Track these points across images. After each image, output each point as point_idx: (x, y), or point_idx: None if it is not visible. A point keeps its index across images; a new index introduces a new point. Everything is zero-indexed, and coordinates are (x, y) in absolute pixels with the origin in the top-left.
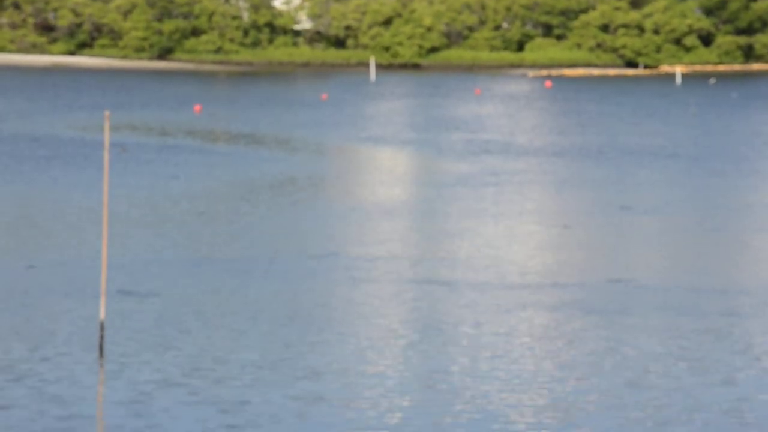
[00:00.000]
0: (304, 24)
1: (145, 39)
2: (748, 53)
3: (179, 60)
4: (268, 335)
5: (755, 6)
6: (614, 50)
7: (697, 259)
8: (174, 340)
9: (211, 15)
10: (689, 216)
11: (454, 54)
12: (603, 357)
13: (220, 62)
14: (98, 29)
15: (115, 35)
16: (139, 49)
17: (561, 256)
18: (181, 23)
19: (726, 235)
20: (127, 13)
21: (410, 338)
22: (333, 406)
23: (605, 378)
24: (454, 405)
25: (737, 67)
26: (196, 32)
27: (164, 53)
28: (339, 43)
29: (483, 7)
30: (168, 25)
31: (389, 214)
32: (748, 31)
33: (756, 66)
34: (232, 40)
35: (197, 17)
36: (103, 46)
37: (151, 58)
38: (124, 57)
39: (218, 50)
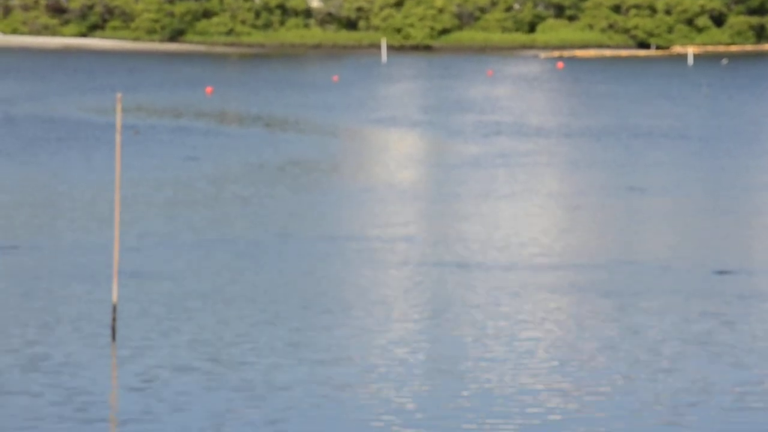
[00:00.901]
0: (316, 5)
1: (156, 21)
2: (761, 33)
3: (191, 42)
4: (282, 318)
5: None
6: (626, 31)
7: (709, 241)
8: (187, 323)
9: None
10: (701, 197)
11: (466, 35)
12: (615, 340)
13: (232, 44)
14: (110, 11)
15: (127, 17)
16: (151, 31)
17: (572, 238)
18: (193, 5)
19: (737, 216)
20: None
21: (421, 321)
22: (347, 390)
23: (617, 361)
24: (465, 389)
25: (749, 47)
26: (207, 14)
27: (176, 35)
28: (350, 24)
29: None
30: (179, 7)
31: (401, 196)
32: (760, 11)
33: None
34: (243, 22)
35: None
36: (114, 28)
37: (162, 40)
38: (136, 39)
39: (230, 32)
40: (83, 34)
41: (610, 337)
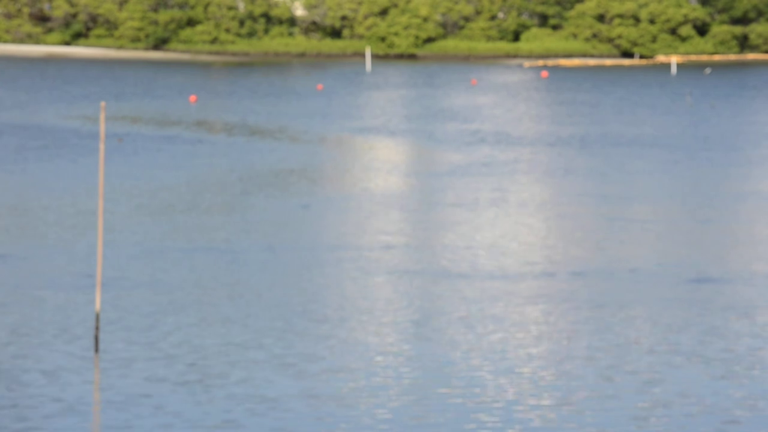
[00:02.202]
0: (300, 13)
1: (140, 29)
2: (744, 43)
3: (175, 50)
4: (266, 327)
5: None
6: (610, 40)
7: (690, 249)
8: (171, 334)
9: (206, 5)
10: (683, 206)
11: (450, 44)
12: (599, 350)
13: (216, 53)
14: (93, 19)
15: (111, 25)
16: (135, 40)
17: (555, 247)
18: (177, 13)
19: (720, 225)
20: (122, 4)
21: (405, 331)
22: (331, 402)
23: (601, 372)
24: (450, 398)
25: (733, 56)
26: (191, 22)
27: (160, 43)
28: (335, 33)
29: None
30: (163, 16)
31: (384, 205)
32: (744, 20)
33: (751, 56)
34: (227, 31)
35: (193, 8)
36: (98, 37)
37: (146, 49)
38: (120, 47)
39: (214, 41)
40: (67, 43)
41: (594, 347)
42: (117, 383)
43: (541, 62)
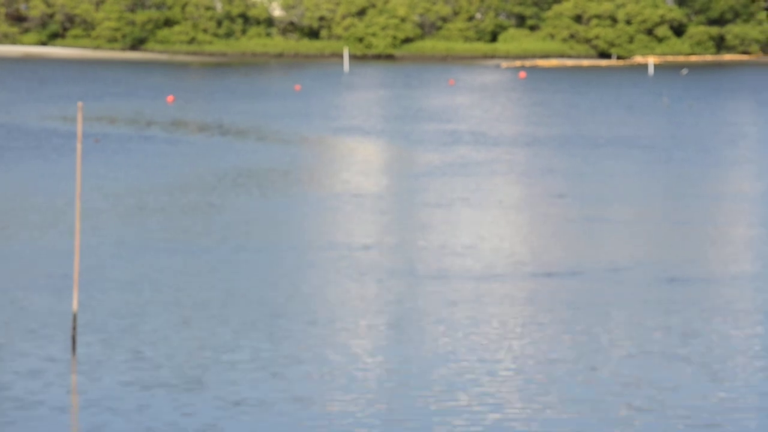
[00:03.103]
0: (278, 14)
1: (117, 29)
2: (720, 44)
3: (152, 51)
4: (243, 326)
5: None
6: (587, 41)
7: (668, 250)
8: (148, 333)
9: (184, 5)
10: (659, 206)
11: (428, 45)
12: (576, 351)
13: (194, 53)
14: (70, 19)
15: (88, 26)
16: (112, 40)
17: (532, 247)
18: (154, 14)
19: (695, 225)
20: (99, 4)
21: (382, 331)
22: (312, 402)
23: (578, 372)
24: (428, 398)
25: (709, 57)
26: (169, 23)
27: (137, 44)
28: (313, 33)
29: None
30: (141, 16)
31: (362, 205)
32: (720, 21)
33: (728, 57)
34: (205, 31)
35: (170, 8)
36: (75, 37)
37: (123, 49)
38: (97, 47)
39: (191, 41)
40: (43, 43)
41: (571, 348)
42: (94, 385)
43: (518, 63)
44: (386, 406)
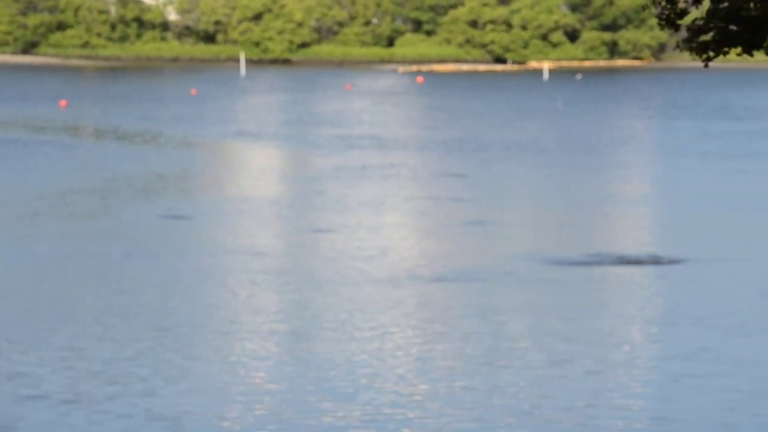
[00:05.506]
0: (173, 18)
1: (8, 33)
2: (613, 49)
3: (45, 54)
4: (132, 334)
5: (619, 2)
6: (483, 46)
7: (557, 250)
8: (45, 345)
9: (77, 9)
10: (552, 207)
11: (325, 49)
12: (469, 356)
13: (87, 57)
14: None
15: None
16: (3, 43)
17: (428, 251)
18: (47, 17)
19: (584, 226)
20: None
21: (278, 337)
22: (195, 415)
23: (470, 377)
24: (324, 408)
25: (602, 62)
26: (62, 26)
27: (29, 47)
28: (209, 38)
29: (353, 3)
30: (33, 19)
31: (258, 210)
32: (613, 27)
33: (620, 62)
34: (99, 35)
35: (63, 11)
36: None
37: (15, 53)
38: None
39: (85, 45)
40: None
41: (468, 351)
42: None
43: (415, 68)
44: (281, 415)
